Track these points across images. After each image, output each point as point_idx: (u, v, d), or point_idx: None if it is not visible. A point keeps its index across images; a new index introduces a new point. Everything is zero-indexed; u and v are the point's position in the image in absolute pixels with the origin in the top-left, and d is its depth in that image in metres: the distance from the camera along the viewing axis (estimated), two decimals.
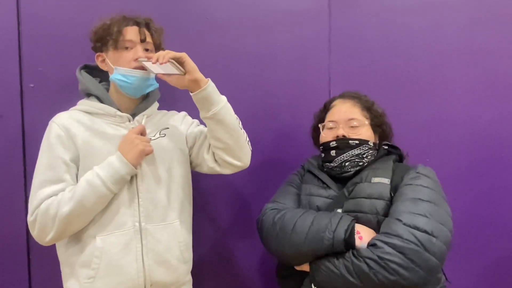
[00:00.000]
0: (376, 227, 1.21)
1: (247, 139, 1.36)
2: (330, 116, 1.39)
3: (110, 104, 1.31)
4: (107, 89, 1.36)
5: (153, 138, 1.32)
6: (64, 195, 1.20)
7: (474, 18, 1.72)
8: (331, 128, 1.37)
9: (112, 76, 1.30)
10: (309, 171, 1.41)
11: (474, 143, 1.72)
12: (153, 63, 1.20)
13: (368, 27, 1.72)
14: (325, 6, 1.71)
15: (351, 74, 1.71)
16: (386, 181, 1.27)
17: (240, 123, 1.34)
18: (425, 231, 1.12)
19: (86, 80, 1.34)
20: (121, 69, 1.28)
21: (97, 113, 1.30)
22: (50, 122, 1.28)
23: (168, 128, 1.38)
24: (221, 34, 1.66)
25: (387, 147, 1.40)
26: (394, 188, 1.26)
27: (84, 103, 1.33)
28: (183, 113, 1.48)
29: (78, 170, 1.25)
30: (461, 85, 1.72)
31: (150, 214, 1.27)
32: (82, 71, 1.37)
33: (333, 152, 1.34)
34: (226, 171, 1.37)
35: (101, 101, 1.32)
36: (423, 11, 1.72)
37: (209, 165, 1.37)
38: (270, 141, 1.69)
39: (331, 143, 1.34)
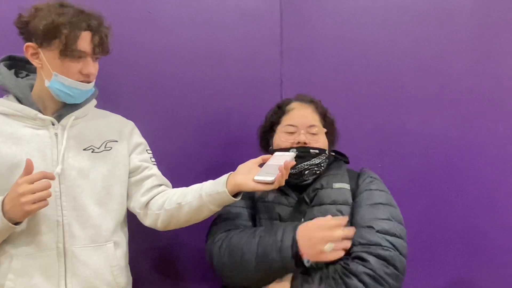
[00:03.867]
0: None
1: None
2: (289, 119, 1.32)
3: (30, 104, 1.16)
4: (33, 85, 1.20)
5: (97, 150, 1.21)
6: None
7: (427, 20, 1.70)
8: (291, 133, 1.30)
9: (49, 84, 1.13)
10: None
11: (426, 147, 1.69)
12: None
13: (321, 26, 1.66)
14: (277, 3, 1.63)
15: (303, 74, 1.65)
16: (347, 186, 1.27)
17: None
18: (394, 234, 1.16)
19: (4, 75, 1.19)
20: (66, 79, 1.13)
21: (14, 115, 1.15)
22: None
23: (116, 141, 1.25)
24: (165, 30, 1.53)
25: (334, 154, 1.40)
26: (353, 194, 1.27)
27: (0, 103, 1.18)
28: (131, 124, 1.34)
29: None
30: (414, 88, 1.69)
31: (76, 234, 1.14)
32: (2, 64, 1.21)
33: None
34: (146, 222, 1.27)
35: (20, 101, 1.17)
36: (376, 12, 1.68)
37: (136, 207, 1.26)
38: (220, 143, 1.58)
39: (290, 150, 1.27)
